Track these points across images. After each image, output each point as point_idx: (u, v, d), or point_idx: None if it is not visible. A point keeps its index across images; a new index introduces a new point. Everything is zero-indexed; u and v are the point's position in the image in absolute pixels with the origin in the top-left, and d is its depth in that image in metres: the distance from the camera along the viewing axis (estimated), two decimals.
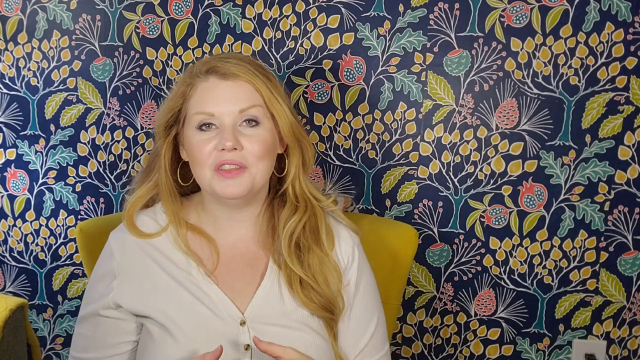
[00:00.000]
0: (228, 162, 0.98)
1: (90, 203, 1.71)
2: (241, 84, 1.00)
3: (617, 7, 1.50)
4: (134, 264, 1.04)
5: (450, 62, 1.56)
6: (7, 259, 1.76)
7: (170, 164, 1.06)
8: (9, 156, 1.71)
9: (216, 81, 1.00)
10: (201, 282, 1.02)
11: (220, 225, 1.08)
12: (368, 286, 1.11)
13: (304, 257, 1.04)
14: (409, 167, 1.61)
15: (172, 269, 1.03)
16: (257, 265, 1.06)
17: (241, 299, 1.02)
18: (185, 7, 1.61)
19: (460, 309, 1.67)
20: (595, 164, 1.57)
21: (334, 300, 1.04)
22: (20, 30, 1.65)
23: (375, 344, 1.10)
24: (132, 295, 1.02)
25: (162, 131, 1.06)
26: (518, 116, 1.57)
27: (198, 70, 1.03)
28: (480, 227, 1.62)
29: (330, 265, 1.06)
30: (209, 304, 1.01)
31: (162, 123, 1.06)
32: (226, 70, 0.99)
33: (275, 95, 1.01)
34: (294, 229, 1.05)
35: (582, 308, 1.64)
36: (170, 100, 1.05)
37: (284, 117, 1.02)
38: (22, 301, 1.24)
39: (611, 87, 1.53)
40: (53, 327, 1.77)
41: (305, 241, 1.05)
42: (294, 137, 1.04)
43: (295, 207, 1.07)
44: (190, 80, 1.03)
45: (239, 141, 0.98)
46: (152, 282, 1.03)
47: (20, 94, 1.68)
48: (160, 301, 1.01)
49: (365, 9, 1.56)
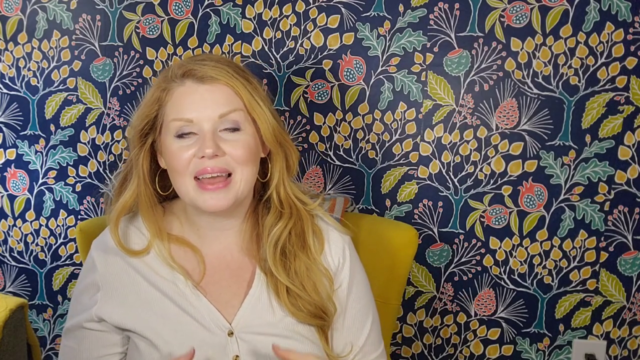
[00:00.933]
0: (209, 171, 0.93)
1: (90, 203, 1.71)
2: (220, 87, 0.95)
3: (617, 7, 1.50)
4: (117, 276, 1.00)
5: (450, 62, 1.56)
6: (7, 259, 1.76)
7: (148, 173, 1.01)
8: (9, 156, 1.71)
9: (193, 85, 0.95)
10: (187, 294, 0.99)
11: (204, 234, 1.04)
12: (361, 286, 1.08)
13: (290, 265, 1.00)
14: (409, 167, 1.61)
15: (157, 281, 1.00)
16: (244, 275, 1.03)
17: (228, 310, 0.99)
18: (185, 7, 1.61)
19: (460, 309, 1.67)
20: (595, 164, 1.57)
21: (324, 307, 1.00)
22: (20, 30, 1.65)
23: (372, 343, 1.07)
24: (115, 309, 0.99)
25: (137, 139, 1.00)
26: (518, 116, 1.57)
27: (173, 74, 0.97)
28: (480, 227, 1.62)
29: (318, 271, 1.02)
30: (195, 315, 0.98)
31: (137, 131, 1.00)
32: (203, 73, 0.94)
33: (256, 99, 0.96)
34: (279, 236, 1.01)
35: (582, 308, 1.64)
36: (144, 107, 0.99)
37: (265, 122, 0.97)
38: (22, 301, 1.24)
39: (611, 87, 1.53)
40: (53, 327, 1.77)
41: (291, 247, 1.01)
42: (276, 142, 0.99)
43: (280, 213, 1.02)
44: (166, 85, 0.97)
45: (220, 147, 0.94)
46: (136, 295, 0.99)
47: (20, 94, 1.68)
48: (144, 315, 0.97)
49: (365, 9, 1.56)
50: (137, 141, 1.00)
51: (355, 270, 1.07)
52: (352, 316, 1.05)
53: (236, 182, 0.96)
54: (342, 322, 1.05)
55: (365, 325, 1.07)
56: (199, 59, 0.98)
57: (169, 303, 0.98)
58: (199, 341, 0.95)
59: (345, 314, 1.05)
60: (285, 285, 0.99)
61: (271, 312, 0.99)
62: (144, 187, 1.00)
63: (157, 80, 1.02)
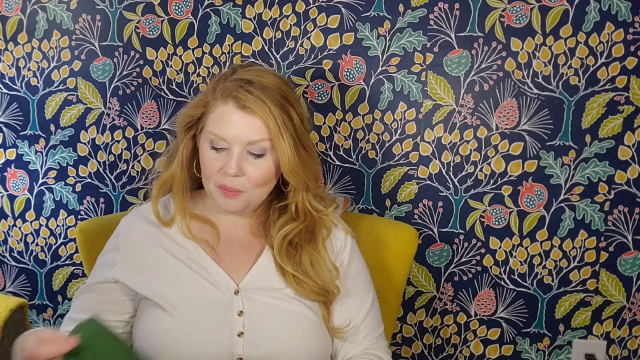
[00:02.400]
0: (228, 188, 1.06)
1: (90, 203, 1.71)
2: (255, 118, 1.05)
3: (617, 7, 1.50)
4: (138, 244, 1.12)
5: (450, 62, 1.56)
6: (7, 259, 1.76)
7: (187, 158, 1.13)
8: (9, 156, 1.71)
9: (233, 109, 1.05)
10: (200, 259, 1.10)
11: (222, 216, 1.16)
12: (360, 267, 1.18)
13: (296, 255, 1.11)
14: (409, 167, 1.61)
15: (175, 249, 1.11)
16: (254, 248, 1.15)
17: (237, 275, 1.10)
18: (185, 7, 1.61)
19: (460, 309, 1.67)
20: (595, 164, 1.57)
21: (327, 289, 1.10)
22: (20, 30, 1.65)
23: (371, 322, 1.16)
24: (132, 274, 1.10)
25: (181, 130, 1.13)
26: (518, 116, 1.57)
27: (222, 89, 1.07)
28: (480, 227, 1.62)
29: (322, 263, 1.12)
30: (206, 276, 1.09)
31: (182, 124, 1.13)
32: (245, 102, 1.04)
33: (282, 132, 1.05)
34: (289, 232, 1.12)
35: (582, 308, 1.64)
36: (192, 106, 1.12)
37: (285, 157, 1.06)
38: (22, 301, 1.24)
39: (611, 87, 1.53)
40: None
41: (298, 240, 1.12)
42: (294, 175, 1.09)
43: (295, 218, 1.14)
44: (213, 96, 1.08)
45: (242, 169, 1.06)
46: (151, 260, 1.10)
47: (20, 94, 1.68)
48: (157, 278, 1.08)
49: (365, 9, 1.56)
50: (181, 131, 1.14)
51: (354, 255, 1.18)
52: (350, 294, 1.14)
53: (249, 195, 1.09)
54: (343, 297, 1.13)
55: (364, 304, 1.16)
56: (247, 80, 1.07)
57: (184, 267, 1.09)
58: (207, 298, 1.07)
59: (345, 290, 1.14)
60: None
61: (276, 279, 1.11)
62: (179, 170, 1.13)
63: (211, 82, 1.12)
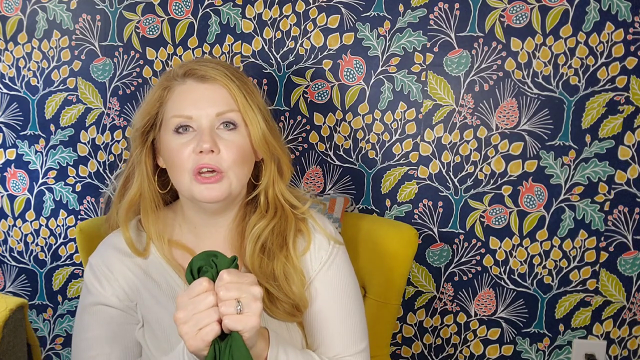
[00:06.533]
0: (205, 166, 0.97)
1: (90, 203, 1.71)
2: (218, 87, 0.99)
3: (617, 7, 1.50)
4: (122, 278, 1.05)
5: (450, 62, 1.56)
6: (7, 259, 1.76)
7: (152, 170, 1.06)
8: (9, 156, 1.71)
9: (193, 84, 1.00)
10: (180, 289, 1.04)
11: (200, 232, 1.08)
12: (338, 290, 1.08)
13: (268, 263, 1.04)
14: (409, 167, 1.61)
15: (157, 293, 1.04)
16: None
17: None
18: (185, 7, 1.61)
19: (460, 309, 1.67)
20: (595, 164, 1.57)
21: (297, 304, 1.03)
22: (20, 30, 1.65)
23: (345, 344, 1.06)
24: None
25: (139, 137, 1.05)
26: (518, 116, 1.57)
27: (175, 74, 1.02)
28: (480, 227, 1.62)
29: (293, 272, 1.04)
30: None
31: (139, 128, 1.04)
32: (204, 72, 0.99)
33: (250, 103, 1.00)
34: (260, 232, 1.04)
35: (582, 308, 1.64)
36: (146, 105, 1.04)
37: (256, 127, 1.00)
38: (22, 301, 1.24)
39: (611, 87, 1.53)
40: (53, 327, 1.77)
41: (270, 245, 1.04)
42: (266, 147, 1.02)
43: (265, 213, 1.07)
44: (167, 84, 1.02)
45: (217, 144, 0.98)
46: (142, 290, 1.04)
47: (20, 94, 1.68)
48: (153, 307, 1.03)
49: (365, 9, 1.56)
50: (139, 140, 1.05)
51: (336, 276, 1.08)
52: (318, 315, 1.06)
53: (229, 177, 0.99)
54: (309, 319, 1.06)
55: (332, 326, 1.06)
56: (201, 60, 1.04)
57: (167, 318, 1.02)
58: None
59: (312, 311, 1.06)
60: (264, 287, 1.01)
61: None
62: (147, 184, 1.04)
63: (159, 80, 1.06)
